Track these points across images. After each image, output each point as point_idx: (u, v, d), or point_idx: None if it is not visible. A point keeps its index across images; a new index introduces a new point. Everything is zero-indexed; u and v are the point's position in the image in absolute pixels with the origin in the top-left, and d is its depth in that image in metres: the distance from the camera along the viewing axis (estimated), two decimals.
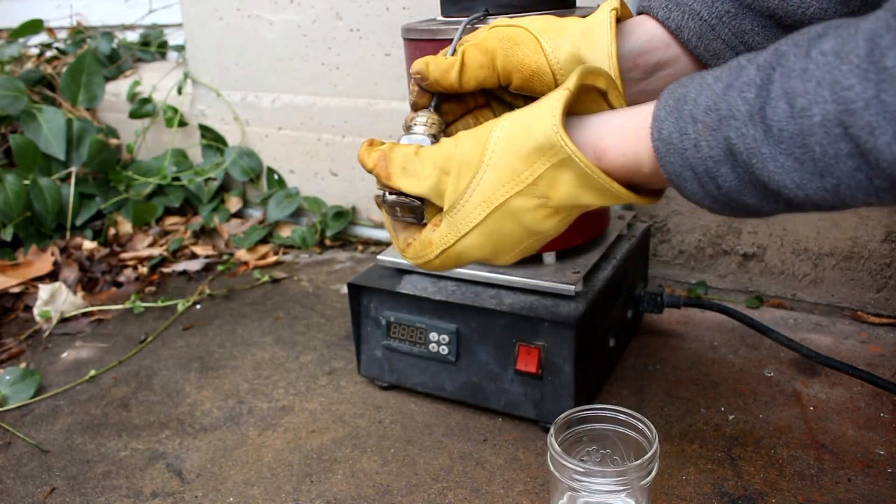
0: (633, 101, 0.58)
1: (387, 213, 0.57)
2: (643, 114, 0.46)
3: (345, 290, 1.17)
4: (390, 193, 0.55)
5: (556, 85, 0.56)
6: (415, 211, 0.55)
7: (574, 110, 0.50)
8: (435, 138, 0.57)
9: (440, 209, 0.54)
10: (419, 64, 0.56)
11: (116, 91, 1.57)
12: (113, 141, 1.54)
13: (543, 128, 0.46)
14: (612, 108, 0.51)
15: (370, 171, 0.55)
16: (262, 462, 0.77)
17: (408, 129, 0.57)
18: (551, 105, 0.47)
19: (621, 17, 0.57)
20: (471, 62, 0.55)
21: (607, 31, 0.54)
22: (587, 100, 0.51)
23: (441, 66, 0.55)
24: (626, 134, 0.46)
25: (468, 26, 0.63)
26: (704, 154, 0.42)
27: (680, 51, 0.57)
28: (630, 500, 0.59)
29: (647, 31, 0.57)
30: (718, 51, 0.56)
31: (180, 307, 1.14)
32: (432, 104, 0.58)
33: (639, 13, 0.59)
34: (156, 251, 1.34)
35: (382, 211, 0.58)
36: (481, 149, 0.50)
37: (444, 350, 0.80)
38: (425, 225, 0.56)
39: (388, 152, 0.54)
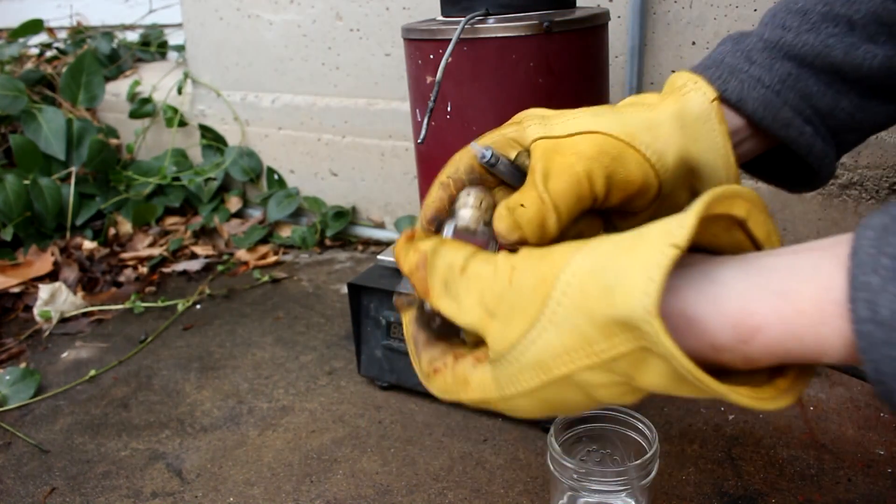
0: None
1: (414, 320, 0.44)
2: (822, 269, 0.31)
3: (345, 290, 1.17)
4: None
5: (659, 197, 0.45)
6: (454, 328, 0.42)
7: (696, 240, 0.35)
8: (488, 227, 0.44)
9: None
10: (507, 229, 0.42)
11: (116, 91, 1.57)
12: (113, 141, 1.54)
13: (628, 301, 0.32)
14: (754, 242, 0.37)
15: (406, 276, 0.43)
16: (262, 462, 0.77)
17: (452, 212, 0.45)
18: (647, 268, 0.32)
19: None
20: (567, 201, 0.42)
21: (717, 129, 0.45)
22: (714, 227, 0.36)
23: (534, 223, 0.41)
24: (796, 307, 0.31)
25: (467, 25, 0.62)
26: None
27: (742, 123, 0.49)
28: (630, 500, 0.59)
29: None
30: (787, 119, 0.48)
31: (180, 307, 1.14)
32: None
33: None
34: (156, 251, 1.34)
35: (403, 315, 0.46)
36: (542, 295, 0.36)
37: None
38: (462, 343, 0.43)
39: (430, 257, 0.41)
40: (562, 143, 0.43)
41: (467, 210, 0.44)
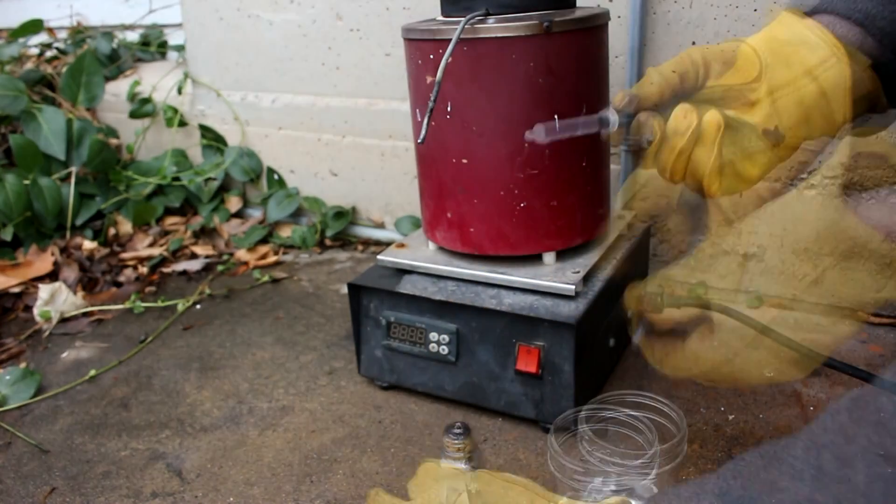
0: None
1: (644, 328, 0.62)
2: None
3: (345, 290, 1.17)
4: None
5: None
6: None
7: None
8: (471, 461, 0.64)
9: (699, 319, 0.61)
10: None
11: (116, 91, 1.57)
12: (113, 141, 1.54)
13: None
14: None
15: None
16: (262, 462, 0.77)
17: (444, 453, 0.65)
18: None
19: None
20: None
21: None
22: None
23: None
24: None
25: (467, 25, 0.63)
26: None
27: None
28: (653, 486, 0.59)
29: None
30: None
31: (180, 307, 1.14)
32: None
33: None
34: (156, 251, 1.34)
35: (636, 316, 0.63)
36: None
37: (444, 350, 0.80)
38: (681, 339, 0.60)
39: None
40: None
41: (456, 452, 0.67)
